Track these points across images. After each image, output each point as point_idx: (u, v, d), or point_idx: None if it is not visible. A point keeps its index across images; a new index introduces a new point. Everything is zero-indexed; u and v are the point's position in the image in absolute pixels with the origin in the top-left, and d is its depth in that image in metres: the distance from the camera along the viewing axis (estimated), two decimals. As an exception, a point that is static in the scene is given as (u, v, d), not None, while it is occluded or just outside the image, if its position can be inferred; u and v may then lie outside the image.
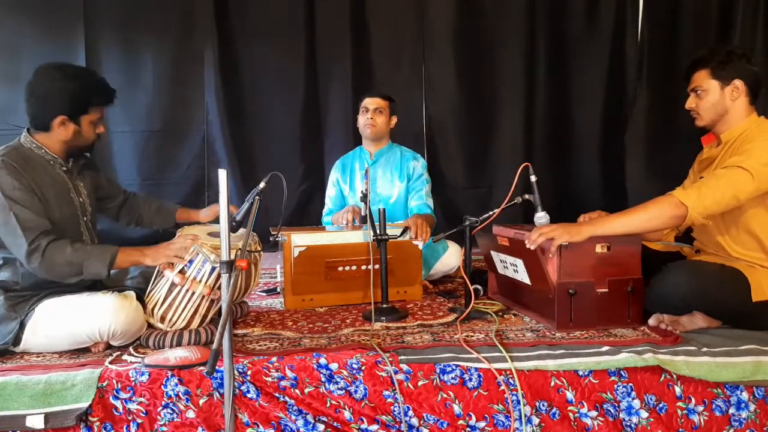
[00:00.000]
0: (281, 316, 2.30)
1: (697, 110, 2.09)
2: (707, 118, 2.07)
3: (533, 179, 2.11)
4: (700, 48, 3.93)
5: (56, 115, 1.88)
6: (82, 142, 1.96)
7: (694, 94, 2.09)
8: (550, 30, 4.16)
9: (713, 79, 2.03)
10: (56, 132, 1.91)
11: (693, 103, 2.09)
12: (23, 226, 1.78)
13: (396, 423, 1.69)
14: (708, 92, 2.04)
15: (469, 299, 2.17)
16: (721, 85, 2.02)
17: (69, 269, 1.82)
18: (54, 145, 1.94)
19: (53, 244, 1.80)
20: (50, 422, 1.58)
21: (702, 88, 2.05)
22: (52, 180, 1.93)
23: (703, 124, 2.11)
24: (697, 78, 2.06)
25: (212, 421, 1.66)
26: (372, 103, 2.91)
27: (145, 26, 3.89)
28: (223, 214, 1.49)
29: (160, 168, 3.99)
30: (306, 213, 3.98)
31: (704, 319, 1.98)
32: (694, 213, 1.85)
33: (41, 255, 1.78)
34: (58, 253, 1.80)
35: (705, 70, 2.04)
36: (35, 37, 3.74)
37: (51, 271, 1.81)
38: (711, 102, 2.04)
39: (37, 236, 1.79)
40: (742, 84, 2.00)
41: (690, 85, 2.10)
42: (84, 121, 1.92)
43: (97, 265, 1.84)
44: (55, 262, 1.80)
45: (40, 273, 1.82)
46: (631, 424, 1.73)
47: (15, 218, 1.78)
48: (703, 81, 2.05)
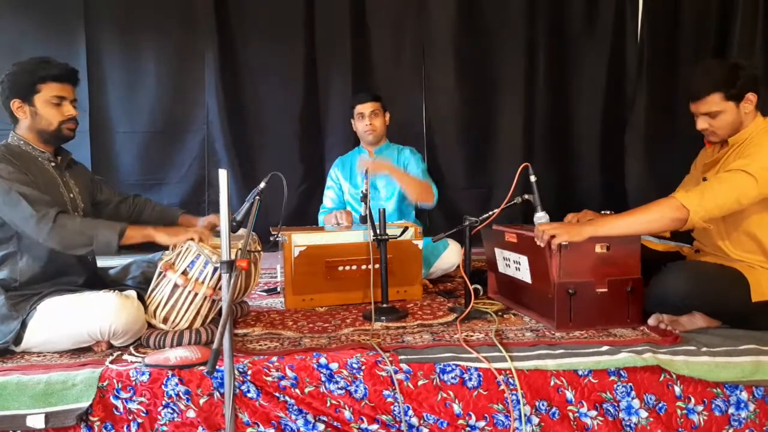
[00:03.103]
0: (281, 315, 2.30)
1: (712, 130, 2.02)
2: (724, 135, 2.02)
3: (533, 179, 2.11)
4: (700, 48, 4.02)
5: (11, 101, 1.92)
6: (44, 125, 1.95)
7: (705, 116, 2.00)
8: (550, 30, 4.15)
9: (728, 101, 1.95)
10: (20, 119, 1.95)
11: (705, 124, 2.01)
12: (29, 200, 1.80)
13: (396, 422, 1.69)
14: (724, 113, 1.97)
15: (468, 299, 2.18)
16: (736, 104, 1.96)
17: (79, 238, 1.83)
18: (28, 134, 1.97)
19: (63, 214, 1.83)
20: (51, 422, 1.58)
21: (717, 111, 1.97)
22: (42, 174, 1.95)
23: (718, 141, 2.06)
24: (711, 102, 1.96)
25: (212, 421, 1.66)
26: (367, 108, 2.92)
27: (146, 27, 3.89)
28: (223, 214, 1.49)
29: (160, 168, 3.99)
30: (306, 213, 3.97)
31: (704, 319, 1.98)
32: (696, 216, 1.84)
33: (52, 221, 1.80)
34: (69, 221, 1.83)
35: (716, 94, 1.95)
36: (35, 38, 3.74)
37: (62, 239, 1.82)
38: (728, 122, 1.98)
39: (44, 206, 1.81)
40: (754, 96, 1.96)
41: (698, 109, 2.01)
42: (37, 100, 1.93)
43: (107, 234, 1.85)
44: (66, 229, 1.81)
45: (51, 242, 1.82)
46: (631, 423, 1.73)
47: (19, 195, 1.80)
48: (718, 105, 1.96)
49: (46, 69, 1.94)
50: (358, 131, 3.02)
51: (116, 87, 3.91)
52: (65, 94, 1.97)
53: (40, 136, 1.98)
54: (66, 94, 1.97)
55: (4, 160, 1.86)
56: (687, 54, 4.08)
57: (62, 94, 1.96)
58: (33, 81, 1.92)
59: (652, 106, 4.11)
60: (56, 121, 1.96)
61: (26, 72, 1.92)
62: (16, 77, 1.93)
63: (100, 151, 3.88)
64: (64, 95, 1.96)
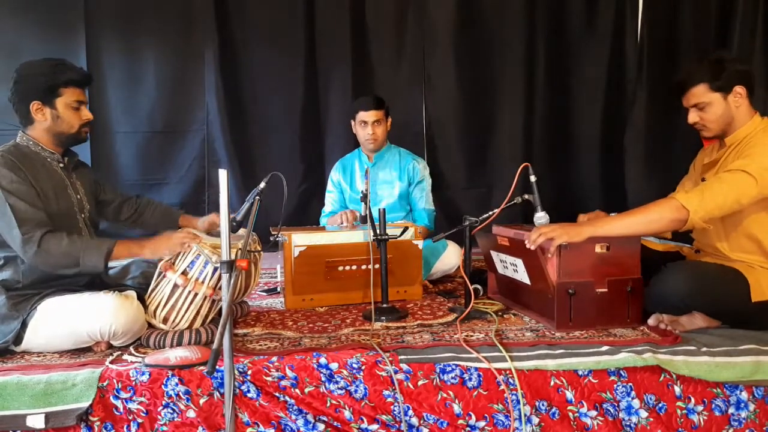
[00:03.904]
0: (281, 315, 2.30)
1: (703, 123, 2.03)
2: (716, 129, 2.03)
3: (533, 179, 2.11)
4: (699, 48, 4.02)
5: (30, 102, 1.92)
6: (65, 129, 1.97)
7: (695, 109, 2.03)
8: (549, 30, 4.15)
9: (713, 92, 1.97)
10: (38, 121, 1.94)
11: (696, 117, 2.03)
12: (18, 217, 1.80)
13: (396, 422, 1.69)
14: (712, 105, 1.99)
15: (468, 299, 2.18)
16: (723, 96, 1.97)
17: (65, 260, 1.84)
18: (42, 136, 1.97)
19: (49, 235, 1.82)
20: (51, 422, 1.58)
21: (703, 102, 1.99)
22: (49, 175, 1.95)
23: (711, 136, 2.07)
24: (696, 94, 2.00)
25: (212, 421, 1.66)
26: (371, 117, 2.87)
27: (146, 27, 3.89)
28: (223, 214, 1.49)
29: (160, 168, 3.99)
30: (306, 213, 3.98)
31: (704, 319, 1.98)
32: (696, 217, 1.84)
33: (37, 245, 1.80)
34: (54, 244, 1.82)
35: (702, 85, 1.98)
36: (35, 38, 3.74)
37: (47, 261, 1.83)
38: (717, 114, 1.99)
39: (31, 227, 1.81)
40: (743, 89, 1.97)
41: (688, 101, 2.03)
42: (59, 104, 1.94)
43: (93, 256, 1.85)
44: (50, 253, 1.81)
45: (36, 263, 1.83)
46: (631, 423, 1.73)
47: (11, 209, 1.80)
48: (703, 95, 1.99)
49: (68, 74, 1.95)
50: (358, 136, 2.99)
51: (116, 87, 3.91)
52: (83, 99, 2.01)
53: (56, 138, 1.98)
54: (83, 99, 2.01)
55: (9, 166, 1.85)
56: (687, 54, 4.08)
57: (81, 98, 1.99)
58: (55, 84, 1.92)
59: (652, 106, 4.11)
60: (77, 124, 1.99)
61: (45, 74, 1.92)
62: (35, 79, 1.92)
63: (100, 151, 3.88)
64: (83, 99, 2.00)
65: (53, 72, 1.93)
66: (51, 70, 1.93)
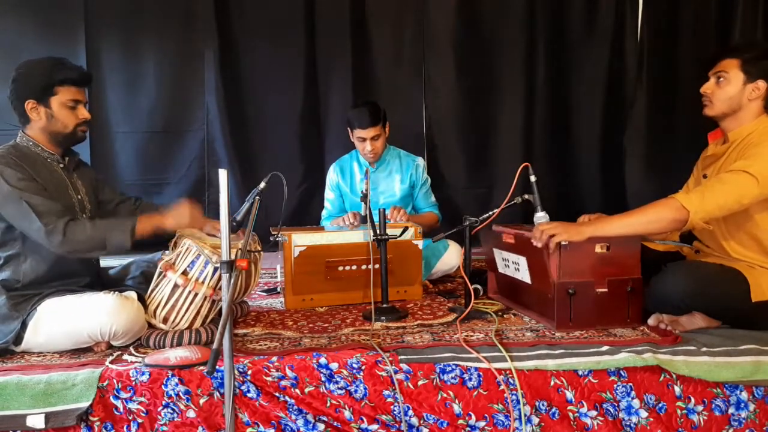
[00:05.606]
0: (281, 315, 2.30)
1: (711, 97, 2.02)
2: (719, 108, 2.02)
3: (533, 179, 2.11)
4: (699, 48, 4.02)
5: (25, 101, 1.90)
6: (60, 128, 1.95)
7: (714, 78, 2.02)
8: (549, 30, 4.16)
9: (741, 71, 1.96)
10: (33, 120, 1.93)
11: (710, 88, 2.02)
12: (36, 210, 1.80)
13: (396, 422, 1.69)
14: (730, 82, 1.98)
15: (468, 299, 2.18)
16: (745, 80, 1.96)
17: (92, 243, 1.85)
18: (39, 136, 1.96)
19: (72, 223, 1.83)
20: (51, 422, 1.58)
21: (726, 75, 1.98)
22: (50, 175, 1.95)
23: (712, 114, 2.05)
24: (726, 64, 1.98)
25: (212, 421, 1.66)
26: (368, 134, 2.78)
27: (146, 26, 3.90)
28: (223, 214, 1.49)
29: (160, 168, 4.00)
30: (306, 213, 3.98)
31: (704, 319, 1.98)
32: (696, 217, 1.84)
33: (62, 234, 1.80)
34: (79, 230, 1.83)
35: (736, 59, 1.97)
36: (35, 37, 3.74)
37: (74, 248, 1.84)
38: (729, 94, 1.98)
39: (52, 218, 1.81)
40: (765, 85, 1.96)
41: (714, 68, 2.02)
42: (54, 102, 1.92)
43: (118, 235, 1.86)
44: (77, 239, 1.82)
45: (64, 251, 1.84)
46: (631, 423, 1.73)
47: (27, 205, 1.80)
48: (730, 69, 1.97)
49: (64, 72, 1.93)
50: (357, 147, 2.92)
51: (116, 87, 3.91)
52: (80, 98, 1.98)
53: (52, 138, 1.97)
54: (81, 98, 1.98)
55: (12, 165, 1.85)
56: (687, 54, 4.09)
57: (78, 97, 1.97)
58: (50, 83, 1.91)
59: (652, 106, 4.12)
60: (72, 123, 1.97)
61: (42, 73, 1.91)
62: (31, 78, 1.91)
63: (99, 151, 3.88)
64: (80, 98, 1.98)
65: (50, 70, 1.92)
66: (48, 68, 1.92)
